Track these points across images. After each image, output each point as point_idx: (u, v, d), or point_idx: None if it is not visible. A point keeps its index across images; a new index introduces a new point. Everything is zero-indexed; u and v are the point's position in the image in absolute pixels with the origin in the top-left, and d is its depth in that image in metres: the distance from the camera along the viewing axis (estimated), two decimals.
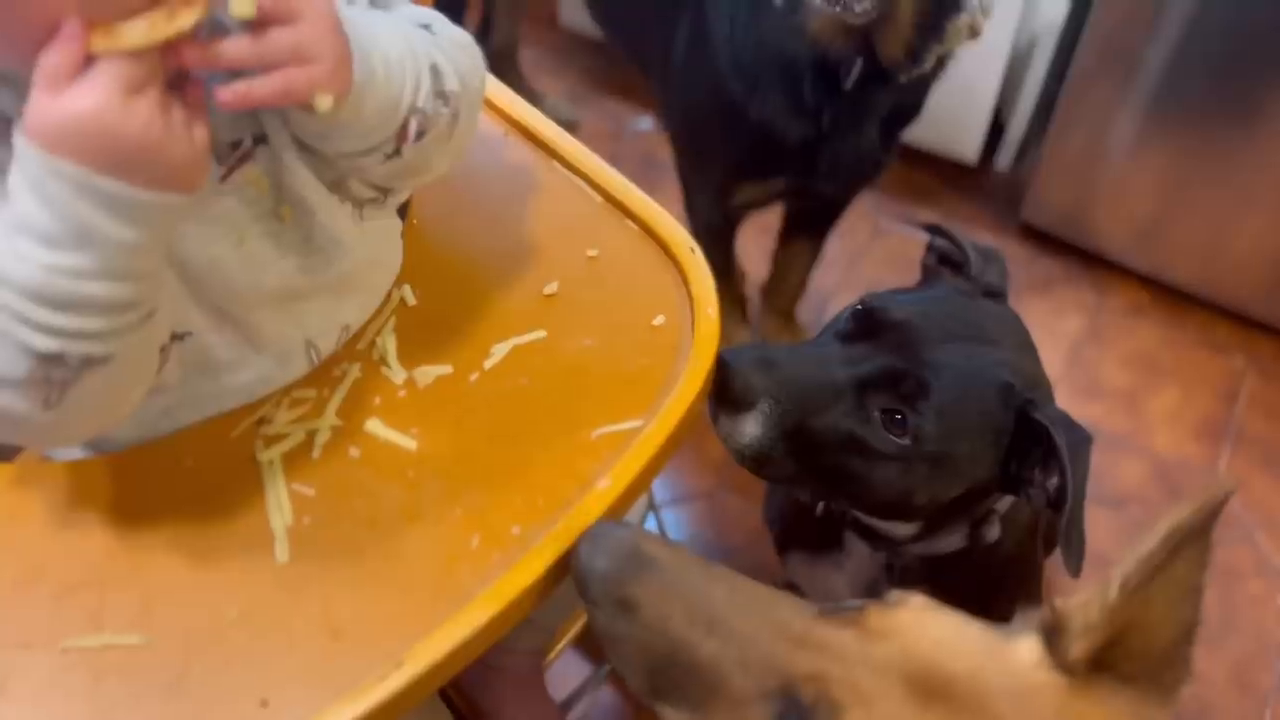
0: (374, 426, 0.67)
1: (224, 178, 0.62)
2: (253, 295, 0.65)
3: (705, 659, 0.56)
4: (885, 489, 0.80)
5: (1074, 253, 1.90)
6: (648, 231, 0.77)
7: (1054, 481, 0.77)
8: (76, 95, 0.48)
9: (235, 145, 0.61)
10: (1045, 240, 1.92)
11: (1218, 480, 0.59)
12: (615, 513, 0.63)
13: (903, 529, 0.91)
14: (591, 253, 0.76)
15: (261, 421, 0.66)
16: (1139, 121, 1.71)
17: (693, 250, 0.76)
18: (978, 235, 1.93)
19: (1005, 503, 0.91)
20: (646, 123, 2.09)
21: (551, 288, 0.74)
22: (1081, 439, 0.75)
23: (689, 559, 0.59)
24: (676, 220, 0.78)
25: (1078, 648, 0.54)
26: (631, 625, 0.57)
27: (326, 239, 0.67)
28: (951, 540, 0.91)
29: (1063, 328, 1.81)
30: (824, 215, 1.57)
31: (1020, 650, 0.56)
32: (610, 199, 0.79)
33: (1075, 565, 0.76)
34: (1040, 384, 0.83)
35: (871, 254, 1.90)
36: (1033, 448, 0.78)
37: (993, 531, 0.91)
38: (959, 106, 1.86)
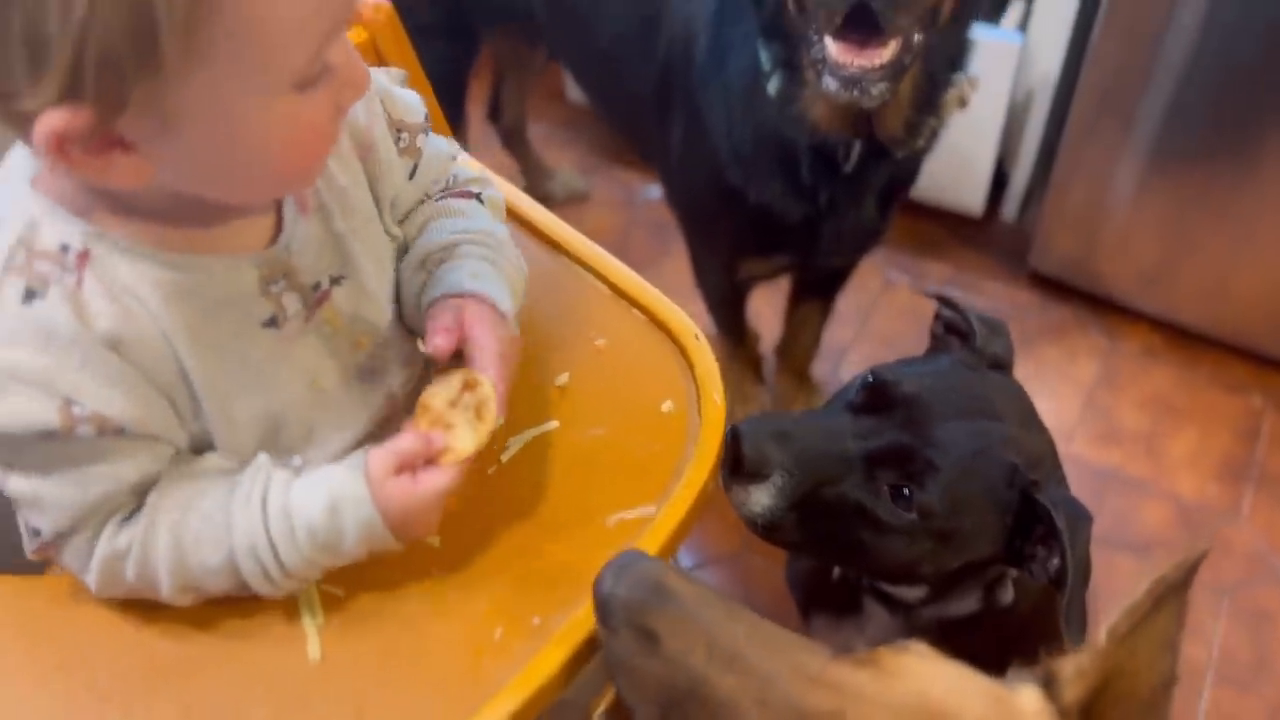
0: None
1: (307, 319, 0.67)
2: (317, 432, 0.69)
3: (724, 695, 0.57)
4: (891, 559, 0.83)
5: (1084, 298, 1.92)
6: (653, 320, 0.80)
7: (1054, 562, 0.79)
8: (434, 480, 0.62)
9: (315, 288, 0.66)
10: (1055, 287, 1.94)
11: (1196, 542, 0.63)
12: None
13: (912, 592, 0.93)
14: (600, 342, 0.79)
15: None
16: (1139, 167, 1.73)
17: (697, 337, 0.79)
18: (987, 285, 1.96)
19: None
20: (656, 191, 2.13)
21: (563, 379, 0.77)
22: (1081, 520, 0.78)
23: (712, 595, 0.60)
24: (687, 295, 0.81)
25: (1071, 692, 0.57)
26: (650, 657, 0.58)
27: (391, 358, 0.72)
28: (966, 603, 0.93)
29: (1077, 373, 1.82)
30: (831, 280, 1.60)
31: (1022, 697, 0.58)
32: (616, 289, 0.83)
33: (1077, 641, 0.78)
34: (1043, 461, 0.85)
35: (882, 308, 1.92)
36: (1035, 525, 0.80)
37: (1006, 594, 0.92)
38: (962, 160, 1.89)
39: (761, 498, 0.81)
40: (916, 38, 1.07)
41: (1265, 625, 1.50)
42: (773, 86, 1.18)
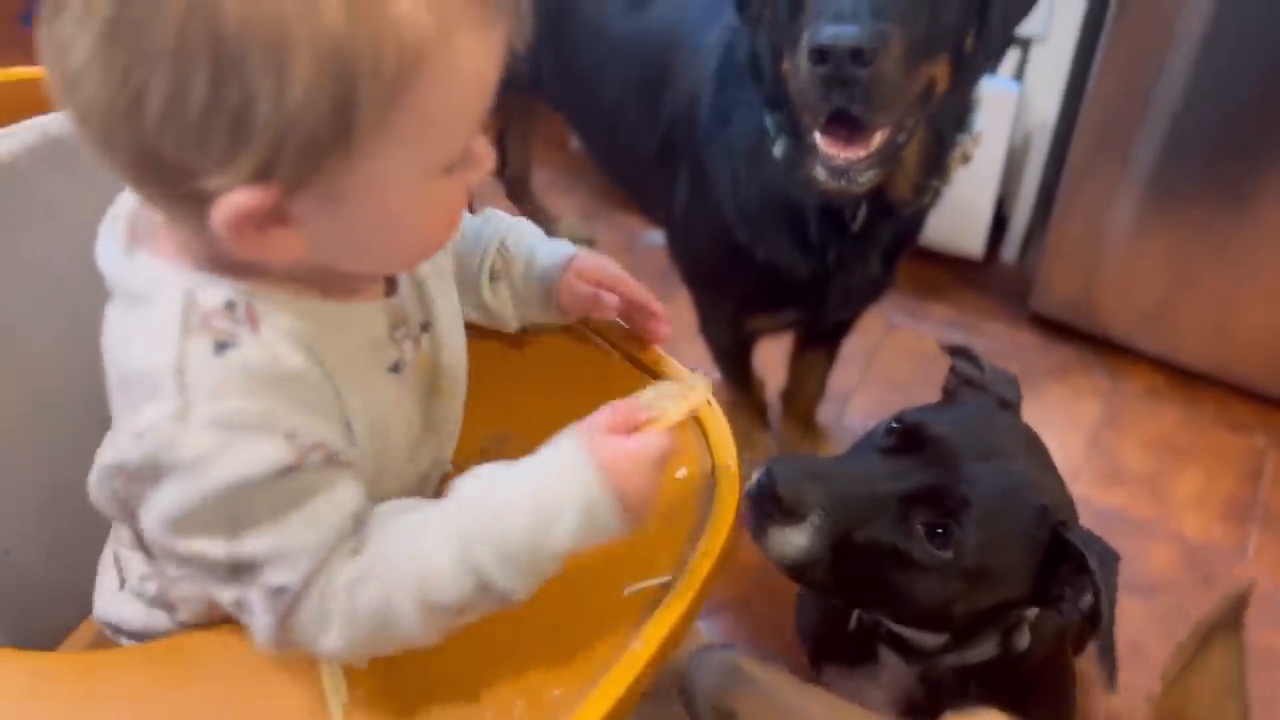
0: None
1: (414, 367, 0.69)
2: (383, 477, 0.69)
3: None
4: (924, 600, 0.83)
5: (1086, 339, 1.93)
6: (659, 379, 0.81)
7: (1087, 599, 0.80)
8: (646, 439, 0.63)
9: (419, 332, 0.69)
10: (1056, 329, 1.95)
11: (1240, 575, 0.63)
12: (652, 671, 0.66)
13: (932, 640, 0.93)
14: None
15: None
16: (1138, 209, 1.75)
17: (709, 403, 0.80)
18: (989, 326, 1.98)
19: (1034, 610, 0.93)
20: (657, 236, 2.15)
21: None
22: (1110, 559, 0.80)
23: (785, 676, 0.63)
24: (691, 339, 0.82)
25: None
26: None
27: (457, 407, 0.75)
28: (984, 650, 0.93)
29: (1080, 414, 1.83)
30: (836, 329, 1.61)
31: None
32: (626, 354, 0.84)
33: (1112, 680, 0.79)
34: (1066, 504, 0.87)
35: (886, 351, 1.94)
36: (1061, 564, 0.82)
37: (1023, 639, 0.93)
38: (962, 203, 1.91)
39: (798, 538, 0.81)
40: (910, 120, 1.09)
41: (1275, 665, 1.50)
42: (778, 149, 1.20)
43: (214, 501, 0.55)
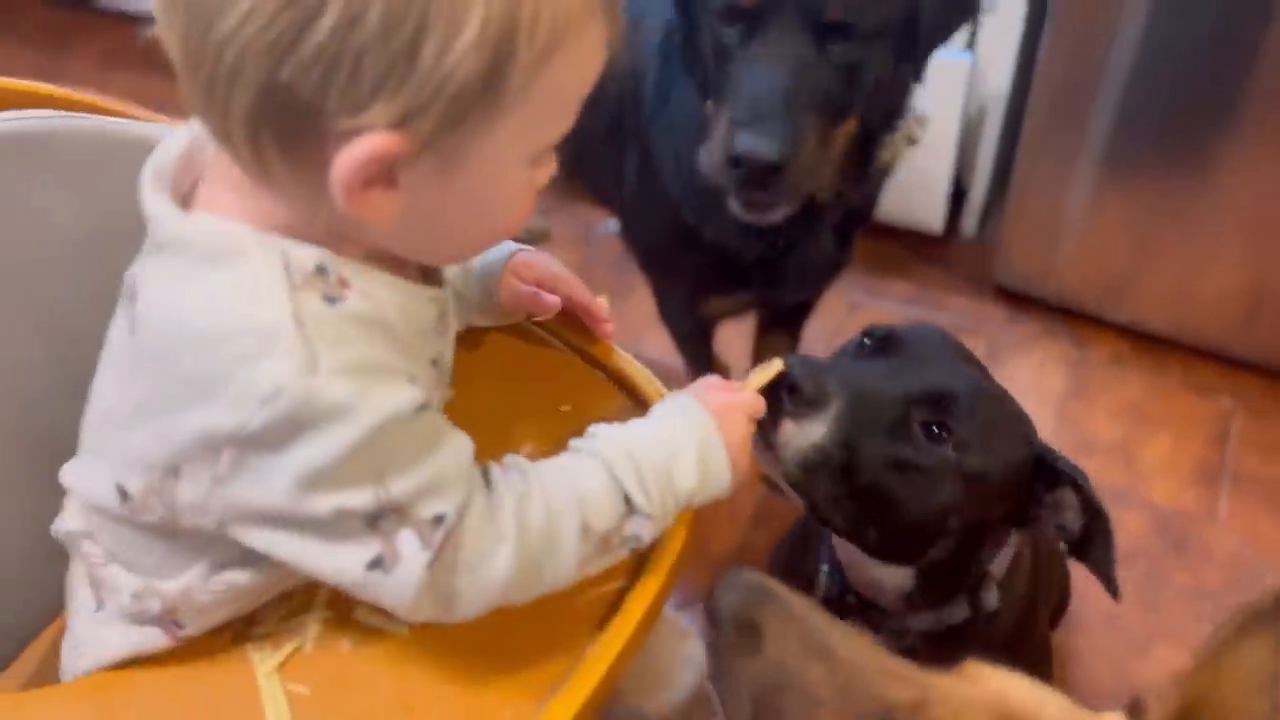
0: (363, 615, 0.67)
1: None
2: None
3: (811, 684, 0.61)
4: (920, 507, 0.82)
5: (1050, 310, 1.92)
6: (619, 381, 0.79)
7: (1067, 516, 0.83)
8: (741, 395, 0.71)
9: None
10: (1020, 301, 1.94)
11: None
12: (607, 685, 0.63)
13: (897, 577, 0.90)
14: (565, 408, 0.78)
15: (252, 622, 0.67)
16: (1095, 176, 1.74)
17: (661, 394, 0.77)
18: (952, 301, 1.96)
19: (1001, 564, 0.93)
20: (613, 225, 2.12)
21: (526, 450, 0.74)
22: (1086, 478, 0.84)
23: (810, 603, 0.66)
24: (653, 329, 0.80)
25: (1154, 715, 0.58)
26: (750, 653, 0.63)
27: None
28: (954, 612, 0.92)
29: (1047, 385, 1.82)
30: (796, 311, 1.59)
31: (1106, 718, 0.60)
32: (578, 350, 0.81)
33: (1115, 585, 0.85)
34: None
35: (849, 331, 1.90)
36: (1037, 485, 0.84)
37: (991, 598, 0.92)
38: (919, 178, 1.89)
39: (816, 429, 0.79)
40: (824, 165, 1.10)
41: None
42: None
43: (363, 447, 0.53)
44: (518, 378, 0.80)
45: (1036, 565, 1.03)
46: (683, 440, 0.66)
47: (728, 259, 1.28)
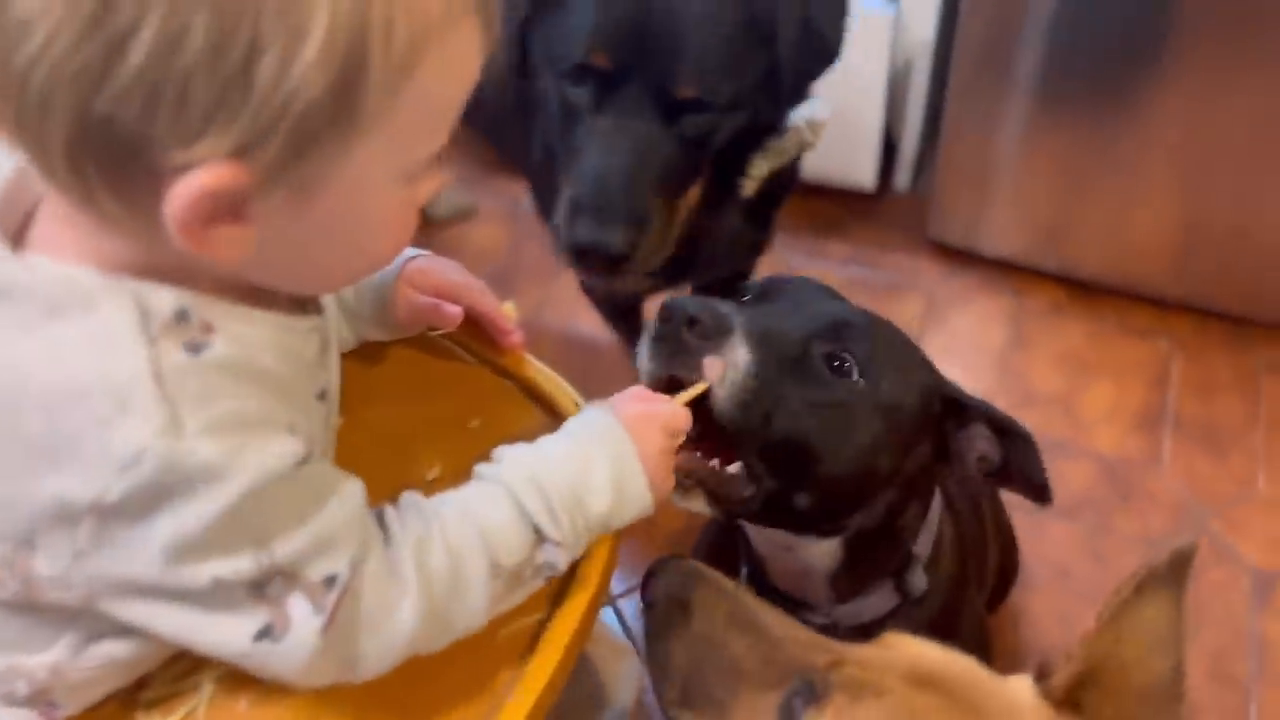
0: None
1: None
2: None
3: (735, 654, 0.64)
4: (846, 446, 0.76)
5: (986, 263, 1.90)
6: (531, 392, 0.74)
7: (985, 445, 0.81)
8: (661, 405, 0.67)
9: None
10: (956, 255, 1.91)
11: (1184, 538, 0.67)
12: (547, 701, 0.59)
13: (823, 548, 0.86)
14: (474, 424, 0.73)
15: (141, 684, 0.61)
16: (1024, 124, 1.71)
17: (578, 405, 0.72)
18: (888, 259, 1.93)
19: (925, 544, 0.90)
20: None
21: (433, 473, 0.70)
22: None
23: (740, 586, 0.69)
24: (584, 307, 0.75)
25: (1060, 676, 0.59)
26: (680, 628, 0.65)
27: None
28: (880, 601, 0.89)
29: (987, 339, 1.80)
30: (733, 282, 1.55)
31: (1012, 681, 0.61)
32: (485, 360, 0.76)
33: (1048, 491, 0.84)
34: None
35: None
36: (947, 425, 0.83)
37: (918, 581, 0.89)
38: (848, 135, 1.85)
39: (739, 353, 0.72)
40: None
41: (1196, 574, 1.49)
42: (558, 202, 1.11)
43: (239, 510, 0.48)
44: (421, 395, 0.74)
45: (963, 544, 1.00)
46: (594, 458, 0.62)
47: None
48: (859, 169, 1.91)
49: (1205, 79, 1.55)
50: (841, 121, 1.84)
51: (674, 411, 0.67)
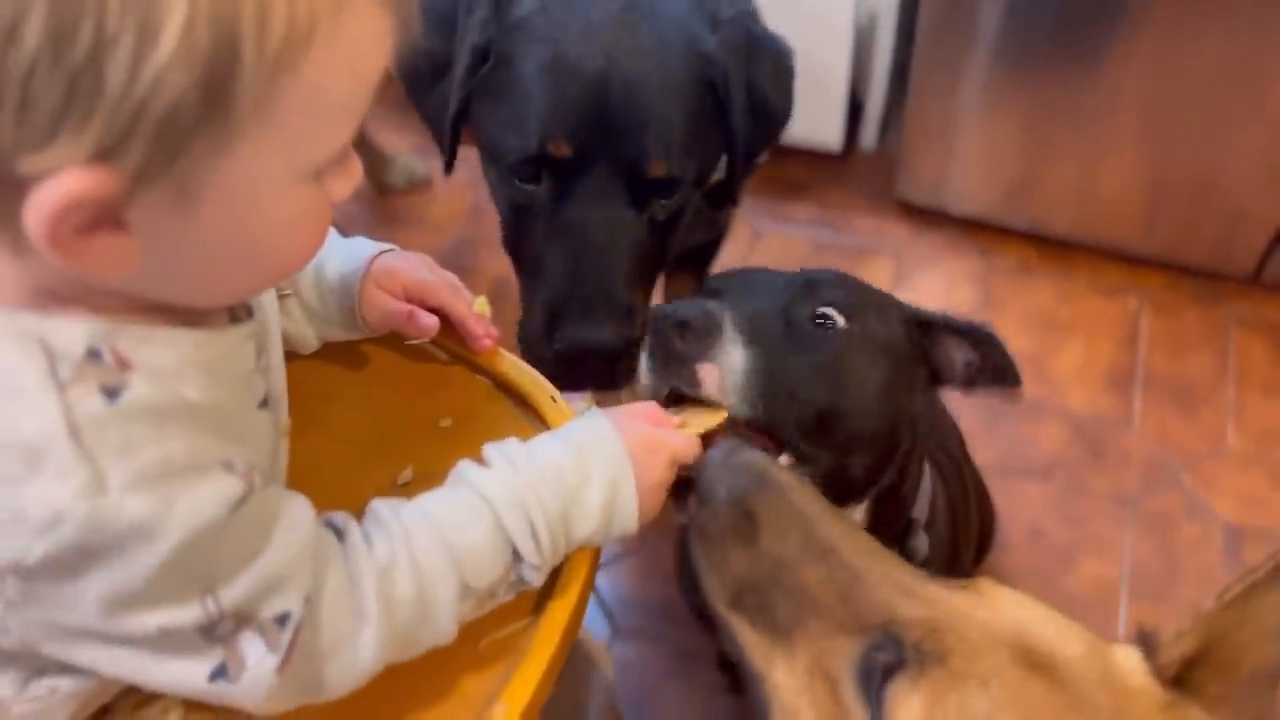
0: None
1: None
2: None
3: (810, 584, 0.58)
4: (866, 395, 0.78)
5: (954, 223, 1.88)
6: (501, 384, 0.71)
7: (961, 355, 0.84)
8: (668, 433, 0.64)
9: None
10: (924, 215, 1.90)
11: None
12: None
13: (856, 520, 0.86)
14: (445, 423, 0.70)
15: (105, 710, 0.58)
16: (990, 82, 1.69)
17: (554, 399, 0.69)
18: (856, 221, 1.91)
19: (921, 508, 0.91)
20: None
21: (405, 475, 0.67)
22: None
23: (815, 493, 0.62)
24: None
25: (1172, 652, 0.57)
26: (742, 541, 0.59)
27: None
28: None
29: (957, 299, 1.79)
30: (697, 253, 1.52)
31: (1119, 653, 0.57)
32: (458, 356, 0.73)
33: (1017, 375, 0.85)
34: None
35: (755, 259, 1.85)
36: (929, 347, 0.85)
37: (921, 544, 0.90)
38: (813, 95, 1.81)
39: (735, 354, 0.72)
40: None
41: (1170, 531, 1.51)
42: (528, 305, 1.04)
43: (178, 563, 0.45)
44: (391, 393, 0.71)
45: (953, 505, 1.01)
46: (592, 479, 0.59)
47: None
48: (825, 129, 1.88)
49: (1168, 33, 1.54)
50: (807, 81, 1.80)
51: (685, 443, 0.65)
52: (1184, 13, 1.51)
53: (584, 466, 0.59)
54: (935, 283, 1.81)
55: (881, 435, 0.80)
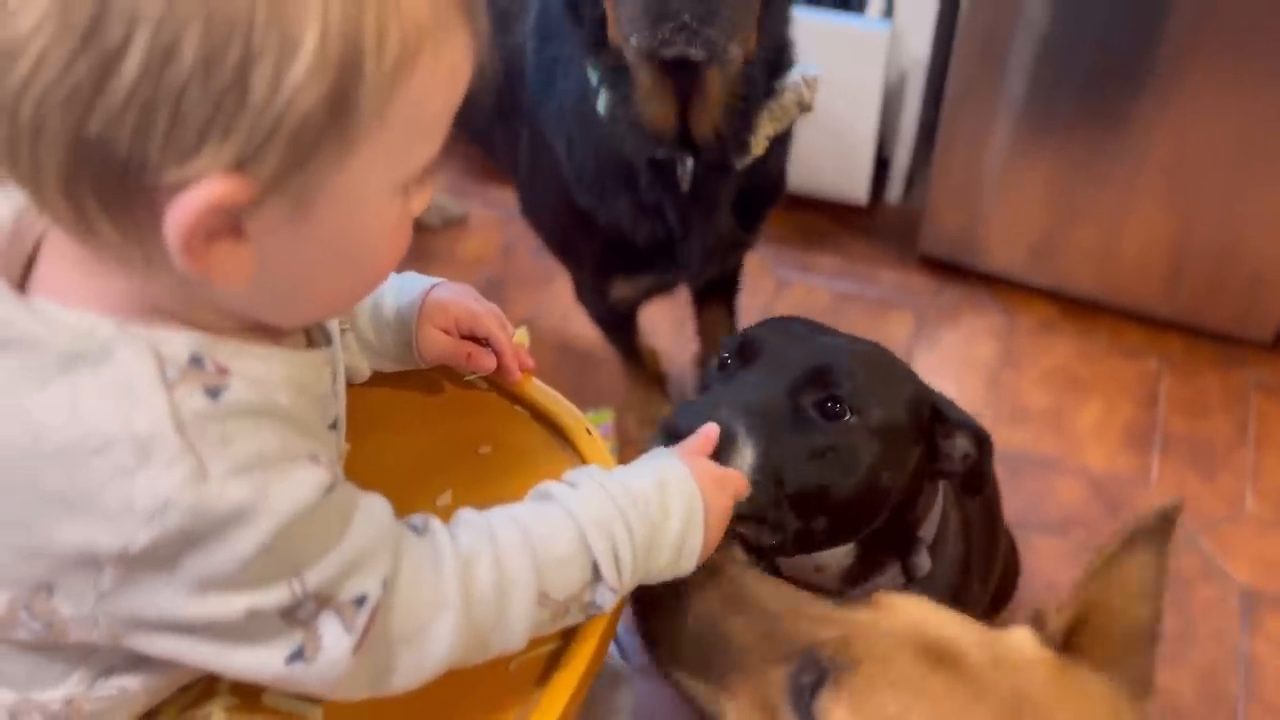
0: (271, 698, 0.61)
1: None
2: None
3: (734, 632, 0.64)
4: (855, 481, 0.80)
5: (977, 278, 1.91)
6: (540, 417, 0.73)
7: (959, 445, 0.85)
8: (730, 471, 0.69)
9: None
10: (946, 270, 1.92)
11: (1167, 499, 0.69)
12: None
13: (841, 556, 0.89)
14: (485, 450, 0.72)
15: (152, 714, 0.60)
16: (1017, 141, 1.72)
17: (589, 432, 0.72)
18: (879, 273, 1.94)
19: (929, 528, 0.92)
20: None
21: (444, 499, 0.69)
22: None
23: (733, 556, 0.68)
24: (578, 314, 0.74)
25: (1055, 622, 0.63)
26: (677, 609, 0.65)
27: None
28: (889, 581, 0.91)
29: (977, 355, 1.81)
30: (724, 284, 1.56)
31: (1014, 635, 0.63)
32: (493, 384, 0.75)
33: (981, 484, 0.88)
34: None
35: (780, 308, 1.88)
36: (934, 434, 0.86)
37: (923, 562, 0.91)
38: (841, 148, 1.86)
39: (744, 458, 0.75)
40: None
41: (1187, 592, 1.51)
42: (602, 104, 1.12)
43: (272, 546, 0.48)
44: (432, 421, 0.74)
45: (968, 531, 1.03)
46: (672, 513, 0.62)
47: (623, 242, 1.24)
48: (852, 182, 1.91)
49: (1195, 98, 1.57)
50: (835, 135, 1.85)
51: (743, 479, 0.69)
52: (1210, 79, 1.54)
53: (666, 500, 0.62)
54: (957, 337, 1.83)
55: (856, 506, 0.82)
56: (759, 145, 1.15)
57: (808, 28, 1.21)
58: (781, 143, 1.23)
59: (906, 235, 1.96)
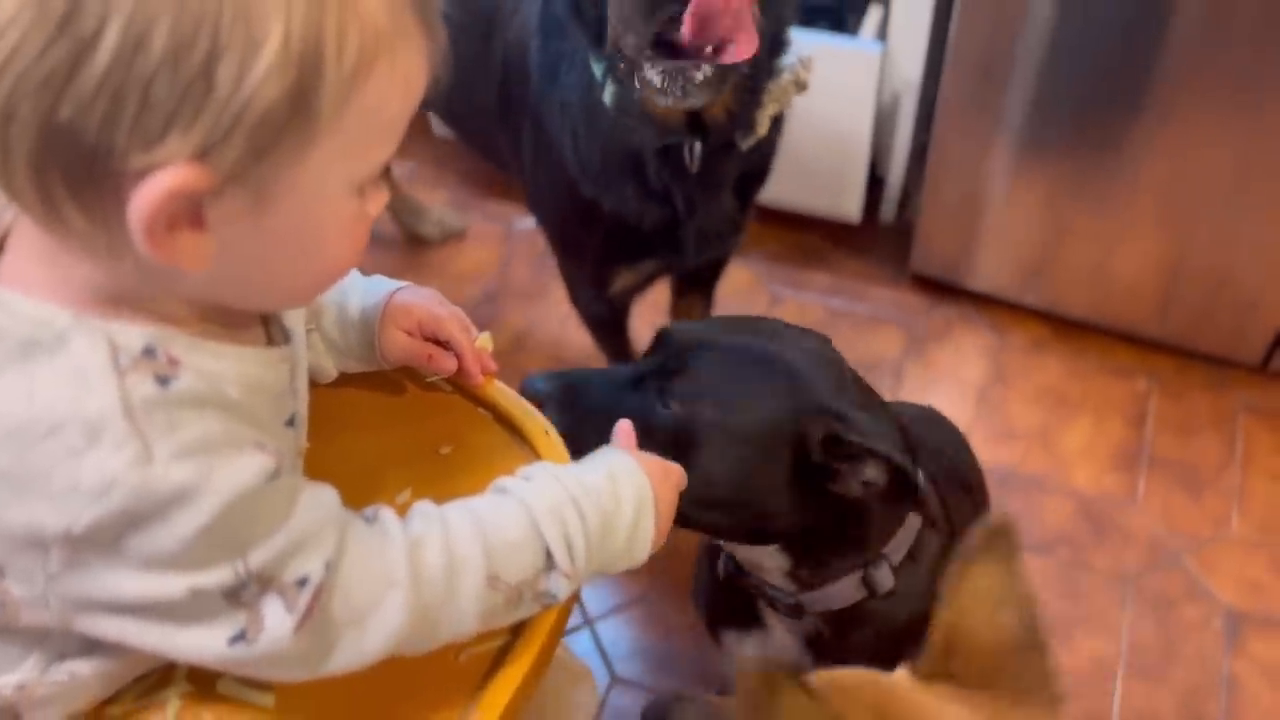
0: (226, 686, 0.63)
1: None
2: None
3: None
4: (720, 484, 0.83)
5: (968, 297, 1.92)
6: (500, 418, 0.75)
7: (871, 472, 0.83)
8: (672, 463, 0.71)
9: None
10: (938, 288, 1.93)
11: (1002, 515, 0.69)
12: None
13: (774, 560, 0.92)
14: (445, 450, 0.74)
15: (109, 701, 0.62)
16: (1010, 160, 1.73)
17: (547, 433, 0.73)
18: (871, 291, 1.95)
19: (897, 546, 0.94)
20: (532, 221, 2.07)
21: (403, 496, 0.71)
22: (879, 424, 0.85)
23: (723, 703, 0.71)
24: (574, 326, 0.76)
25: (924, 657, 0.66)
26: None
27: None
28: (844, 592, 0.94)
29: (967, 373, 1.82)
30: (706, 274, 1.58)
31: (895, 677, 0.66)
32: (459, 388, 0.77)
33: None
34: (844, 390, 0.88)
35: None
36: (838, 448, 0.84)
37: (884, 578, 0.93)
38: (834, 166, 1.87)
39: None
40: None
41: (1170, 612, 1.51)
42: (608, 96, 1.15)
43: (216, 527, 0.50)
44: (394, 421, 0.75)
45: (947, 552, 1.03)
46: (625, 500, 0.64)
47: (628, 229, 1.27)
48: (845, 200, 1.93)
49: (1190, 123, 1.57)
50: (829, 153, 1.87)
51: (682, 471, 0.71)
52: (1206, 104, 1.55)
53: (617, 489, 0.64)
54: (946, 356, 1.84)
55: (734, 505, 0.85)
56: (763, 125, 1.18)
57: (802, 48, 1.23)
58: (778, 123, 1.26)
59: (899, 254, 1.97)
